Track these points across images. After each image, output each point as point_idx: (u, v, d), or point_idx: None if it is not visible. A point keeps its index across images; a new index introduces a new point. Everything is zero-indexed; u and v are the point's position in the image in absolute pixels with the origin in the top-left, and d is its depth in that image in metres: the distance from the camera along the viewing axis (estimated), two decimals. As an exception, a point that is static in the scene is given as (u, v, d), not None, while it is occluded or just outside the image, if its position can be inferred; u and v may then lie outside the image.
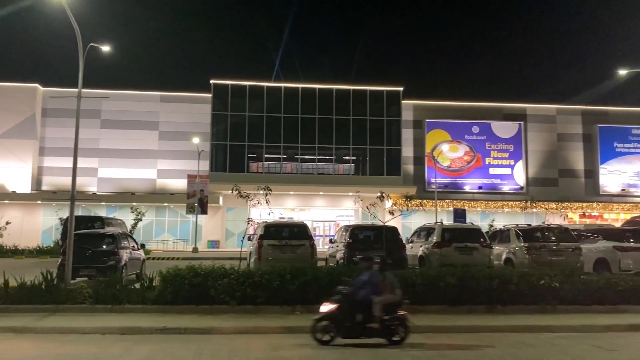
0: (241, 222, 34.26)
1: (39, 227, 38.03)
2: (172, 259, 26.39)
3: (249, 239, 16.52)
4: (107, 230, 18.20)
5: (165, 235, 39.07)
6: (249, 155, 40.87)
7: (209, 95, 40.33)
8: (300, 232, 15.83)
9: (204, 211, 35.81)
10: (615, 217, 40.33)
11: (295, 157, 41.24)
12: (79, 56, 13.42)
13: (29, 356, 7.71)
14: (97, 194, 39.09)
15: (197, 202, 35.20)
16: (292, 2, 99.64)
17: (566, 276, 11.66)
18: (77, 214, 17.52)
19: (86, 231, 16.68)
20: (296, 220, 19.55)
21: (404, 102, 41.63)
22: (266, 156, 41.11)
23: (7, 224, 30.02)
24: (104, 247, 14.93)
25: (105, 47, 18.25)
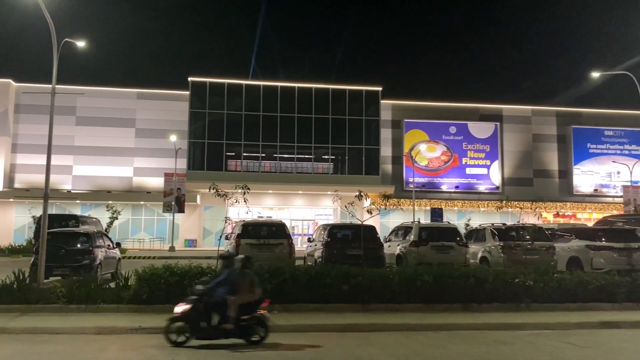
0: (219, 220, 34.19)
1: (11, 225, 37.29)
2: (149, 258, 26.12)
3: (227, 238, 16.43)
4: (82, 228, 17.87)
5: (141, 234, 38.65)
6: (227, 153, 40.59)
7: (187, 92, 39.99)
8: (278, 230, 15.89)
9: (181, 210, 35.49)
10: (588, 217, 41.26)
11: (274, 155, 41.12)
12: (54, 51, 13.15)
13: (1, 357, 7.54)
14: (72, 192, 38.46)
15: (174, 200, 34.83)
16: (272, 0, 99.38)
17: (540, 275, 11.87)
18: (51, 212, 17.22)
19: (60, 230, 16.35)
20: (274, 219, 19.53)
21: (382, 102, 41.87)
22: (245, 154, 40.92)
23: (-22, 222, 29.40)
24: (78, 245, 14.69)
25: (80, 43, 18.01)
